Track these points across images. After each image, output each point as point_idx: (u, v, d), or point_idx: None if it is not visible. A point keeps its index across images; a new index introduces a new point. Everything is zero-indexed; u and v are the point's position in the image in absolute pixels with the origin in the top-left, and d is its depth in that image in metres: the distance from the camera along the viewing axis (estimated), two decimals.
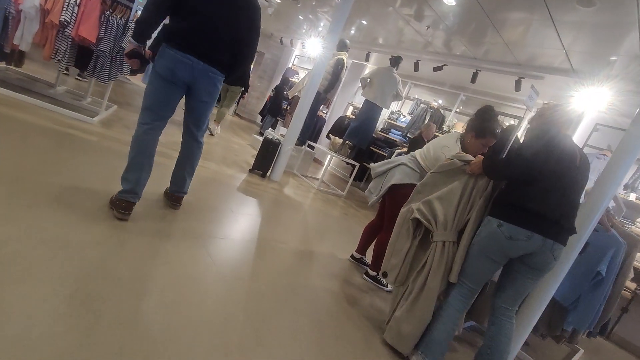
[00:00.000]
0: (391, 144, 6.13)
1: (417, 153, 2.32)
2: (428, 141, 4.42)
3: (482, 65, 4.41)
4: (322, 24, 6.33)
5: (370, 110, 4.86)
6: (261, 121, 8.63)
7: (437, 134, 5.20)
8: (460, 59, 4.64)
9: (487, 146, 2.09)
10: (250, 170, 4.01)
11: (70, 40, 3.06)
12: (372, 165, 2.49)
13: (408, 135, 5.77)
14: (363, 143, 5.00)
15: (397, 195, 2.27)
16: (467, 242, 1.69)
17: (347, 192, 5.12)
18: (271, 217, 2.88)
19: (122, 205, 1.81)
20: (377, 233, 2.63)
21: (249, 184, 3.53)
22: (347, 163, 5.28)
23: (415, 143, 4.33)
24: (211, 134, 5.26)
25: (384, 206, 2.46)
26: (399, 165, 2.32)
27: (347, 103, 7.10)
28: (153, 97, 1.89)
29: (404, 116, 6.19)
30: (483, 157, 1.73)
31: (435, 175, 1.88)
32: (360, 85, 5.21)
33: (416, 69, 5.26)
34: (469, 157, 1.81)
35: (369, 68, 7.14)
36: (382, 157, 6.09)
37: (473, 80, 4.53)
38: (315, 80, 4.10)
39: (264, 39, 9.40)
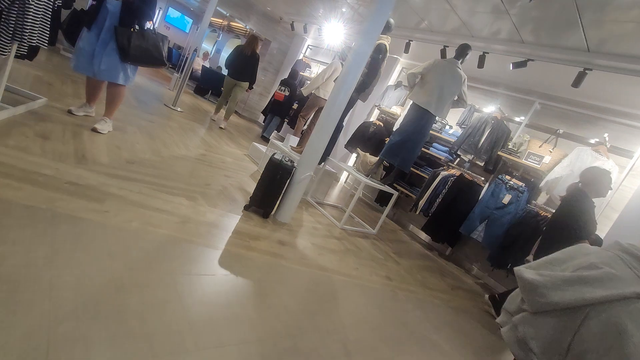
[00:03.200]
0: (433, 163, 4.71)
1: None
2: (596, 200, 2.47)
3: (597, 60, 2.98)
4: (347, 1, 4.88)
5: (419, 120, 3.43)
6: (264, 121, 7.21)
7: (530, 163, 3.79)
8: (557, 50, 3.22)
9: None
10: (246, 208, 2.60)
11: None
12: (532, 278, 1.05)
13: (458, 152, 4.35)
14: (406, 165, 3.58)
15: None
16: None
17: (378, 228, 3.72)
18: (279, 338, 1.47)
19: None
20: None
21: (241, 240, 2.11)
22: (367, 185, 3.85)
23: (578, 207, 2.38)
24: (221, 128, 5.59)
25: None
26: (626, 300, 0.88)
27: (373, 105, 5.67)
28: None
29: (450, 127, 4.77)
30: None
31: None
32: (406, 84, 3.77)
33: (481, 64, 3.84)
34: None
35: (401, 64, 5.71)
36: (421, 180, 4.68)
37: (576, 83, 3.11)
38: (351, 75, 2.67)
39: (271, 24, 7.96)
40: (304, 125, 4.63)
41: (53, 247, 1.30)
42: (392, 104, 5.41)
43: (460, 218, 4.06)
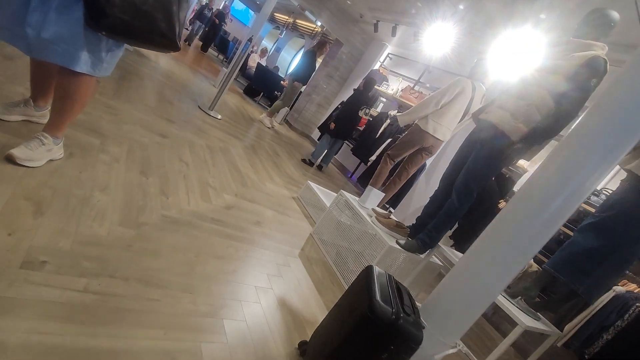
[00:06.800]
0: None
1: None
2: None
3: None
4: None
5: None
6: (319, 139, 5.74)
7: None
8: None
9: None
10: None
11: None
12: None
13: None
14: (597, 292, 1.86)
15: None
16: None
17: None
18: None
19: None
20: None
21: None
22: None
23: None
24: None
25: None
26: None
27: None
28: None
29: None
30: None
31: None
32: None
33: None
34: None
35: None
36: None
37: None
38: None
39: (346, 22, 6.52)
40: (390, 166, 3.04)
41: None
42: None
43: None
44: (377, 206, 2.52)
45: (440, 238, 2.08)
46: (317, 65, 6.51)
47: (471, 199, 1.99)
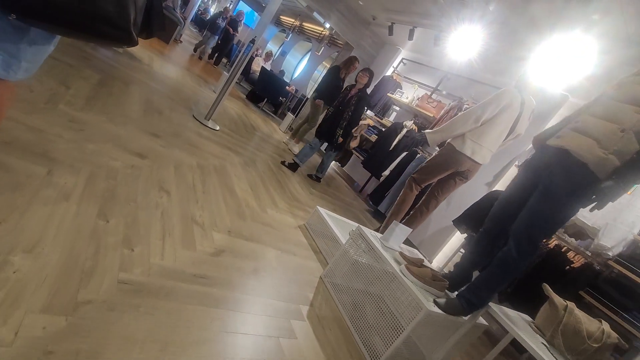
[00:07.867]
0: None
1: None
2: None
3: None
4: None
5: None
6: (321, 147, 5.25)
7: None
8: None
9: None
10: None
11: None
12: None
13: None
14: None
15: None
16: None
17: None
18: None
19: None
20: None
21: None
22: None
23: None
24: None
25: None
26: None
27: (512, 165, 3.49)
28: None
29: None
30: None
31: None
32: None
33: None
34: None
35: None
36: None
37: None
38: None
39: (357, 25, 6.10)
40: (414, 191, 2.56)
41: None
42: None
43: None
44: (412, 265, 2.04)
45: (492, 298, 1.60)
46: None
47: (535, 250, 1.51)
